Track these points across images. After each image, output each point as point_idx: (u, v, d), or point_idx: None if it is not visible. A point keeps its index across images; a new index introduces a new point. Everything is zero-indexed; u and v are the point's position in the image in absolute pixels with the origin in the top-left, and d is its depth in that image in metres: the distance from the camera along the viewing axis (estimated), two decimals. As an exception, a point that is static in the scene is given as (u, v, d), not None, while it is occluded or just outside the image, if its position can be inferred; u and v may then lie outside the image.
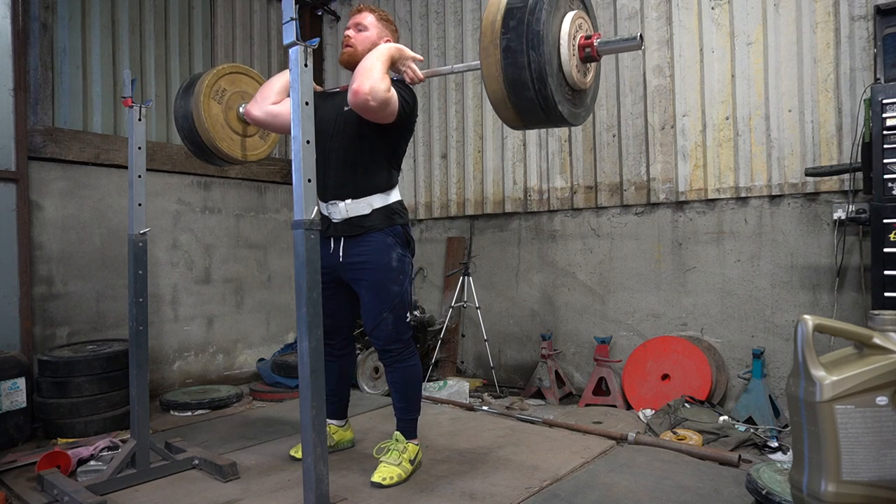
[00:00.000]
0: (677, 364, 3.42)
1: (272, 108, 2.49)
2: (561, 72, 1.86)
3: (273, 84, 2.53)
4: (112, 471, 2.41)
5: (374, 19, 2.49)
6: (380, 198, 2.45)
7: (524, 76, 1.77)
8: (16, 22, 3.39)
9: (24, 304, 3.38)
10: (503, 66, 1.79)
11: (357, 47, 2.44)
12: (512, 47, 1.76)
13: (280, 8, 2.37)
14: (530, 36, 1.74)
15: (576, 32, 1.89)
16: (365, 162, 2.43)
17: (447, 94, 4.64)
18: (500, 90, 1.84)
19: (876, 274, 2.53)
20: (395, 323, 2.44)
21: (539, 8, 1.75)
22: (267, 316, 4.75)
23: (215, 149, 2.69)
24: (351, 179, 2.43)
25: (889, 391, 1.58)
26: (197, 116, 2.62)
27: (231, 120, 2.75)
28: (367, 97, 2.13)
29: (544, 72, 1.75)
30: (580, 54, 1.92)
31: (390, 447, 2.50)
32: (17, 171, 3.37)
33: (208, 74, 2.66)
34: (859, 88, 3.03)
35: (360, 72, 2.18)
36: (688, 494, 2.26)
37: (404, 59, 2.31)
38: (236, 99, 2.75)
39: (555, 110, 1.84)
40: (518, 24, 1.76)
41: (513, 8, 1.79)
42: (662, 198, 3.67)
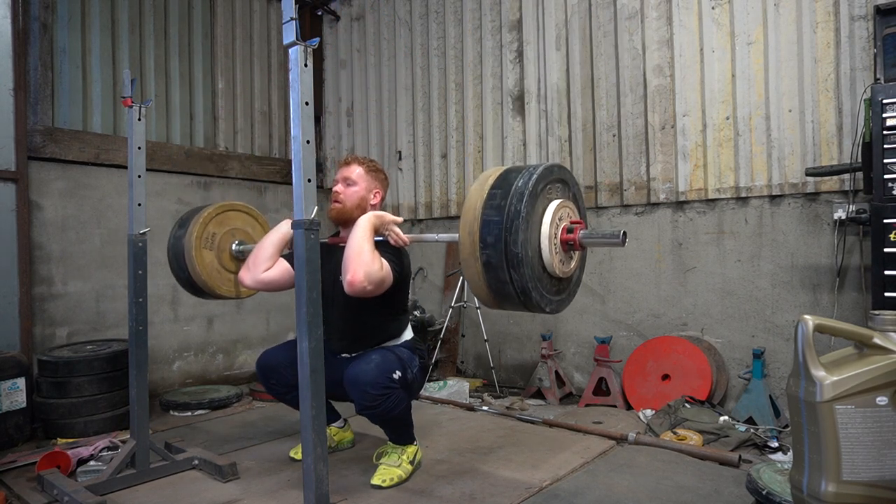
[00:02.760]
0: (677, 364, 3.41)
1: (264, 276, 2.44)
2: (545, 272, 1.82)
3: (264, 248, 2.46)
4: (112, 471, 2.41)
5: (362, 172, 2.48)
6: (391, 343, 2.50)
7: (508, 290, 1.75)
8: (16, 22, 3.39)
9: (24, 304, 3.38)
10: (486, 278, 1.77)
11: (346, 203, 2.43)
12: (492, 264, 1.73)
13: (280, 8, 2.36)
14: (509, 257, 1.70)
15: (557, 228, 1.82)
16: (368, 326, 2.46)
17: (447, 94, 4.64)
18: (486, 294, 1.83)
19: (876, 274, 2.53)
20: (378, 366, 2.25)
21: (515, 228, 1.68)
22: (267, 316, 4.74)
23: (214, 294, 2.73)
24: (357, 342, 2.48)
25: (889, 391, 1.58)
26: (192, 269, 2.65)
27: (225, 261, 2.76)
28: (364, 284, 2.08)
29: (527, 287, 1.72)
30: (563, 248, 1.86)
31: (389, 450, 2.50)
32: (16, 171, 3.37)
33: (196, 224, 2.65)
34: (859, 88, 3.03)
35: (350, 259, 2.10)
36: (688, 494, 2.26)
37: (385, 224, 2.24)
38: (227, 239, 2.76)
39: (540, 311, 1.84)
40: (496, 241, 1.71)
41: (489, 221, 1.73)
42: (663, 198, 3.67)
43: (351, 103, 5.29)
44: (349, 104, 5.30)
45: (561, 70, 4.05)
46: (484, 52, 4.43)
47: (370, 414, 2.30)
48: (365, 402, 2.24)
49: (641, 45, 3.71)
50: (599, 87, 3.90)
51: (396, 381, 2.29)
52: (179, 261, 2.69)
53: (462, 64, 4.55)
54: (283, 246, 2.48)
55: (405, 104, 4.90)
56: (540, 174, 1.79)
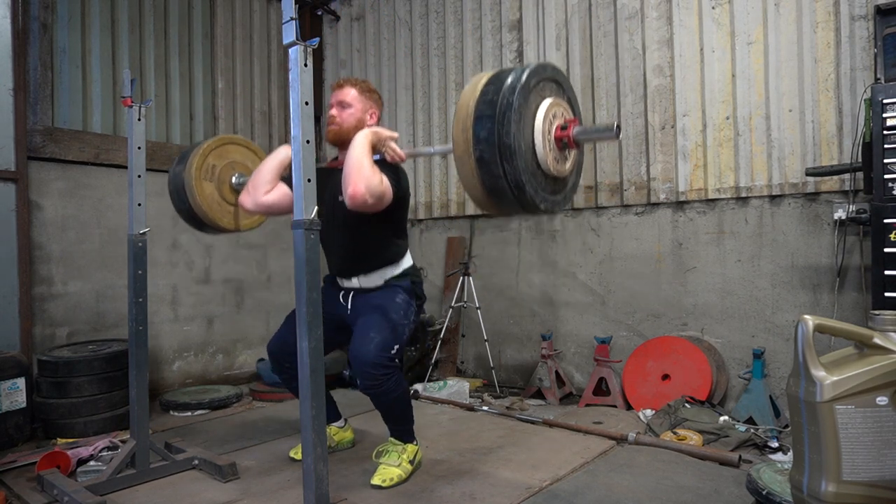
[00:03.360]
0: (677, 364, 3.41)
1: (265, 199, 2.48)
2: (539, 169, 1.82)
3: (264, 170, 2.50)
4: (112, 471, 2.41)
5: (356, 93, 2.49)
6: (391, 269, 2.50)
7: (501, 185, 1.75)
8: (16, 22, 3.39)
9: (24, 304, 3.38)
10: (479, 175, 1.76)
11: (342, 125, 2.45)
12: (485, 159, 1.73)
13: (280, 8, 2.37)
14: (502, 149, 1.70)
15: (550, 125, 1.82)
16: (369, 246, 2.46)
17: (447, 94, 4.64)
18: (480, 194, 1.82)
19: (876, 274, 2.53)
20: (378, 345, 2.30)
21: (507, 119, 1.69)
22: (267, 316, 4.74)
23: (215, 225, 2.74)
24: (360, 261, 2.49)
25: (889, 391, 1.58)
26: (193, 201, 2.65)
27: (225, 194, 2.76)
28: (365, 197, 2.12)
29: (521, 180, 1.72)
30: (557, 145, 1.86)
31: (389, 449, 2.50)
32: (16, 170, 3.37)
33: (195, 154, 2.66)
34: (859, 88, 3.03)
35: (349, 173, 2.15)
36: (688, 495, 2.26)
37: (382, 140, 2.27)
38: (227, 171, 2.76)
39: (536, 209, 1.83)
40: (489, 135, 1.71)
41: (482, 116, 1.73)
42: (663, 198, 3.67)
43: (351, 103, 5.28)
44: (349, 104, 5.30)
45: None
46: (484, 52, 4.43)
47: (373, 394, 2.35)
48: (367, 381, 2.31)
49: (641, 45, 3.71)
50: (599, 87, 3.90)
51: (395, 358, 2.35)
52: (180, 193, 2.68)
53: (462, 64, 4.55)
54: (282, 170, 2.50)
55: (405, 104, 4.90)
56: (533, 69, 1.79)
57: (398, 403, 2.44)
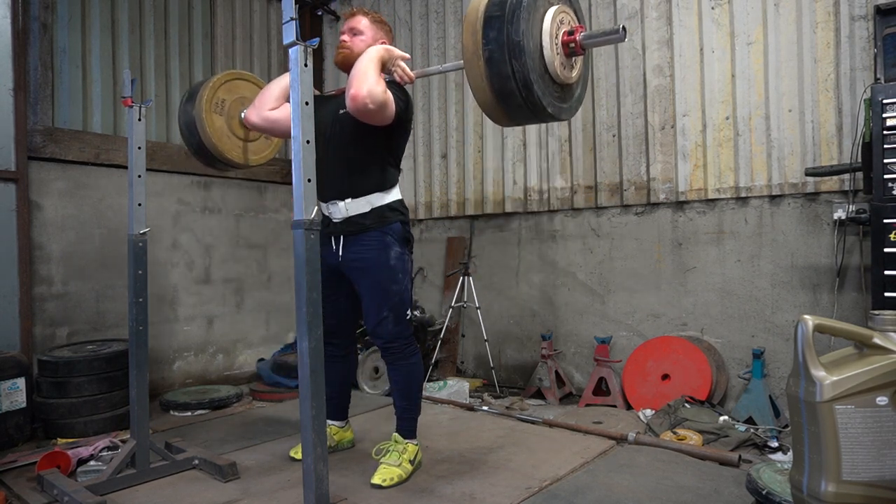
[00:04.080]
0: (677, 364, 3.42)
1: (270, 114, 2.51)
2: (546, 72, 1.85)
3: (271, 88, 2.55)
4: (112, 471, 2.41)
5: (368, 22, 2.50)
6: (379, 196, 2.46)
7: (510, 85, 1.77)
8: (16, 22, 3.39)
9: (24, 304, 3.38)
10: (488, 76, 1.79)
11: (353, 49, 2.45)
12: (494, 58, 1.76)
13: (280, 8, 2.36)
14: (511, 46, 1.73)
15: (558, 30, 1.87)
16: (363, 162, 2.44)
17: (447, 93, 4.63)
18: (488, 98, 1.85)
19: (876, 274, 2.53)
20: (395, 321, 2.45)
21: (517, 17, 1.73)
22: (267, 316, 4.74)
23: (225, 159, 2.76)
24: (350, 179, 2.45)
25: (889, 391, 1.58)
26: (203, 132, 2.66)
27: (234, 128, 2.77)
28: (366, 100, 2.13)
29: (529, 80, 1.75)
30: (564, 51, 1.90)
31: (389, 448, 2.50)
32: (16, 171, 3.37)
33: (205, 88, 2.67)
34: (859, 88, 3.03)
35: (354, 76, 2.18)
36: (688, 494, 2.26)
37: (393, 59, 2.30)
38: (237, 106, 2.77)
39: (543, 112, 1.86)
40: (498, 34, 1.75)
41: (491, 17, 1.77)
42: (662, 198, 3.67)
43: (351, 103, 5.28)
44: (349, 104, 5.30)
45: (561, 70, 4.05)
46: (484, 52, 4.42)
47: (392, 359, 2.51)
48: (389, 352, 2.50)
49: (641, 45, 3.71)
50: (599, 87, 3.90)
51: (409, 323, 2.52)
52: (190, 128, 2.69)
53: (462, 64, 4.54)
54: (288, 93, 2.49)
55: (405, 104, 4.89)
56: None
57: (414, 374, 2.54)
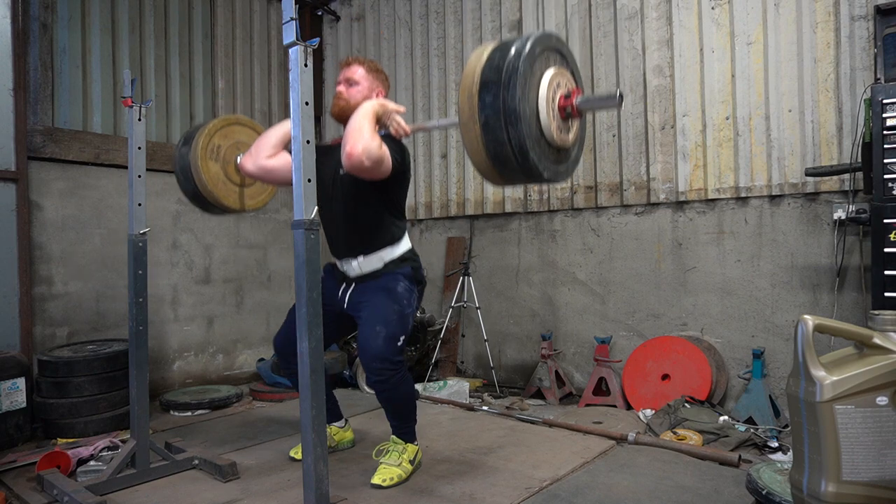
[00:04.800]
0: (677, 364, 3.42)
1: (267, 162, 2.47)
2: (542, 137, 1.83)
3: (268, 136, 2.50)
4: (112, 471, 2.41)
5: (364, 72, 2.49)
6: (389, 251, 2.48)
7: (506, 151, 1.75)
8: (16, 22, 3.39)
9: (24, 304, 3.38)
10: (484, 141, 1.77)
11: (349, 101, 2.44)
12: (490, 124, 1.74)
13: (280, 8, 2.36)
14: (507, 114, 1.71)
15: (554, 94, 1.84)
16: (370, 221, 2.46)
17: (447, 93, 4.64)
18: (484, 161, 1.83)
19: (876, 274, 2.53)
20: (386, 339, 2.32)
21: (513, 83, 1.71)
22: (267, 316, 4.74)
23: (221, 206, 2.75)
24: (359, 239, 2.47)
25: (889, 391, 1.58)
26: (199, 179, 2.65)
27: (231, 174, 2.76)
28: (362, 157, 2.11)
29: (525, 146, 1.73)
30: (561, 114, 1.87)
31: (389, 448, 2.50)
32: (17, 171, 3.37)
33: (201, 135, 2.66)
34: (859, 88, 3.03)
35: (349, 134, 2.16)
36: (688, 494, 2.26)
37: (388, 113, 2.29)
38: (233, 151, 2.76)
39: (539, 177, 1.84)
40: (494, 99, 1.72)
41: (487, 82, 1.75)
42: (662, 198, 3.67)
43: (351, 103, 5.28)
44: (349, 104, 5.30)
45: (561, 70, 4.05)
46: (484, 52, 4.42)
47: (380, 388, 2.36)
48: (375, 375, 2.33)
49: (641, 45, 3.71)
50: (599, 87, 3.90)
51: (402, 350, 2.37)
52: (186, 174, 2.67)
53: (462, 64, 4.55)
54: (286, 140, 2.49)
55: (405, 104, 4.89)
56: (538, 38, 1.81)
57: (405, 400, 2.45)
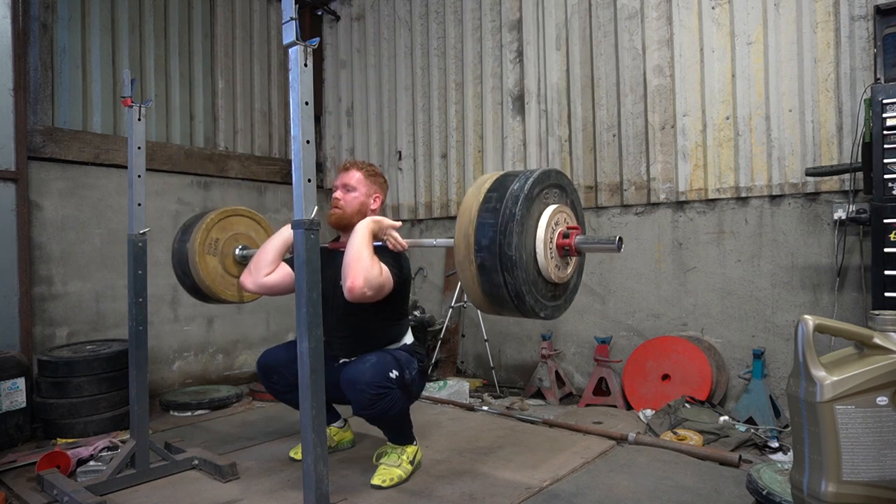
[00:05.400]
0: (677, 364, 3.41)
1: (266, 280, 2.46)
2: (540, 277, 1.82)
3: (266, 252, 2.48)
4: (112, 471, 2.41)
5: (361, 177, 2.49)
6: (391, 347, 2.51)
7: (502, 293, 1.75)
8: (16, 22, 3.39)
9: (24, 304, 3.38)
10: (480, 281, 1.77)
11: (346, 209, 2.45)
12: (486, 266, 1.73)
13: (280, 8, 2.36)
14: (503, 260, 1.70)
15: (552, 235, 1.82)
16: (370, 329, 2.46)
17: (447, 93, 4.63)
18: (479, 298, 1.83)
19: (876, 274, 2.53)
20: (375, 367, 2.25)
21: (510, 231, 1.69)
22: (267, 316, 4.74)
23: (218, 299, 2.76)
24: (359, 346, 2.47)
25: (889, 391, 1.58)
26: (196, 275, 2.67)
27: (228, 266, 2.78)
28: (364, 290, 2.10)
29: (521, 291, 1.73)
30: (559, 253, 1.86)
31: (388, 450, 2.50)
32: (16, 170, 3.37)
33: (198, 230, 2.67)
34: (859, 88, 3.02)
35: (349, 265, 2.12)
36: (688, 495, 2.26)
37: (384, 230, 2.25)
38: (230, 244, 2.78)
39: (536, 316, 1.84)
40: (490, 243, 1.71)
41: (483, 224, 1.74)
42: (663, 198, 3.67)
43: (351, 103, 5.29)
44: (349, 104, 5.30)
45: (561, 70, 4.05)
46: (484, 52, 4.43)
47: (367, 415, 2.30)
48: (362, 401, 2.25)
49: (641, 45, 3.71)
50: (599, 87, 3.90)
51: (394, 381, 2.28)
52: (184, 267, 2.70)
53: (462, 64, 4.55)
54: (284, 250, 2.49)
55: (405, 104, 4.90)
56: (536, 178, 1.79)
57: (395, 420, 2.41)
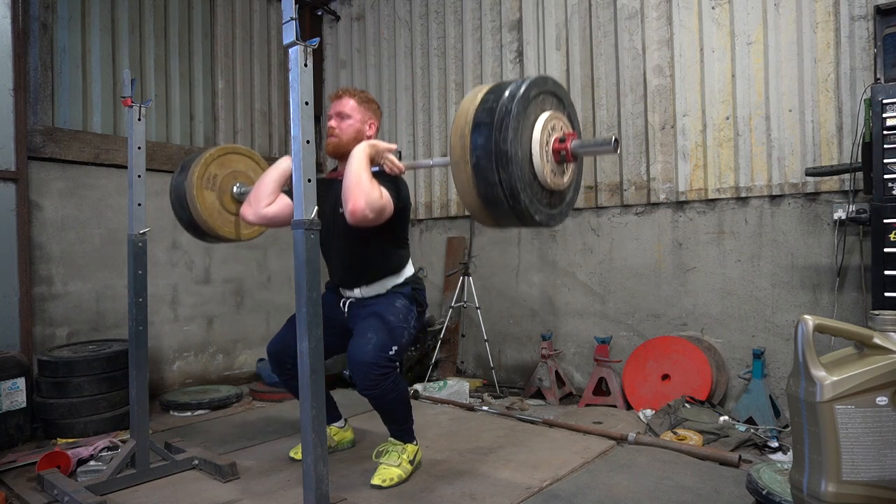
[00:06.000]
0: (677, 364, 3.41)
1: (266, 211, 2.47)
2: (535, 180, 1.81)
3: (265, 182, 2.49)
4: (112, 471, 2.41)
5: (355, 104, 2.49)
6: (392, 279, 2.51)
7: (496, 193, 1.73)
8: (16, 22, 3.39)
9: (24, 304, 3.38)
10: (475, 182, 1.76)
11: (342, 137, 2.45)
12: (481, 165, 1.72)
13: (280, 8, 2.36)
14: (498, 156, 1.69)
15: (548, 138, 1.82)
16: (371, 255, 2.46)
17: (447, 93, 4.64)
18: (475, 202, 1.82)
19: (876, 274, 2.53)
20: (376, 345, 2.30)
21: (505, 126, 1.69)
22: (267, 316, 4.74)
23: (216, 235, 2.74)
24: (362, 272, 2.48)
25: (889, 391, 1.58)
26: (194, 209, 2.65)
27: (226, 203, 2.76)
28: (366, 212, 2.11)
29: (516, 189, 1.71)
30: (555, 158, 1.86)
31: (389, 449, 2.50)
32: (16, 171, 3.37)
33: (197, 164, 2.66)
34: (859, 88, 3.03)
35: (349, 189, 2.13)
36: (688, 495, 2.26)
37: (380, 153, 2.27)
38: (229, 181, 2.76)
39: (531, 220, 1.82)
40: (486, 141, 1.71)
41: (480, 123, 1.74)
42: (663, 198, 3.67)
43: (351, 103, 5.28)
44: (349, 104, 5.29)
45: (561, 70, 4.05)
46: (484, 52, 4.43)
47: (370, 395, 2.34)
48: (364, 382, 2.30)
49: (641, 45, 3.71)
50: (599, 87, 3.90)
51: (394, 360, 2.34)
52: (181, 201, 2.68)
53: (462, 64, 4.55)
54: (283, 182, 2.50)
55: (405, 104, 4.90)
56: (533, 81, 1.79)
57: (397, 405, 2.43)
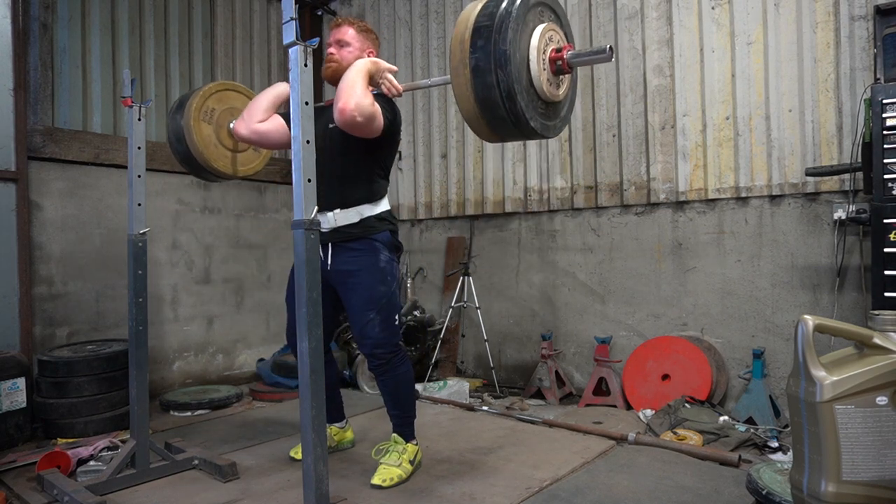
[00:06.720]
0: (677, 364, 3.41)
1: (259, 126, 2.48)
2: (532, 87, 1.85)
3: (260, 100, 2.52)
4: (112, 471, 2.41)
5: (354, 32, 2.50)
6: (368, 207, 2.48)
7: (494, 95, 1.76)
8: (16, 22, 3.39)
9: (24, 304, 3.38)
10: (473, 84, 1.79)
11: (342, 62, 2.45)
12: (480, 67, 1.76)
13: (280, 8, 2.37)
14: (497, 55, 1.73)
15: (546, 46, 1.87)
16: (352, 175, 2.46)
17: (447, 93, 4.63)
18: (472, 108, 1.84)
19: (876, 274, 2.53)
20: (382, 325, 2.40)
21: (505, 27, 1.74)
22: (267, 316, 4.74)
23: (211, 168, 2.73)
24: (339, 192, 2.45)
25: (889, 391, 1.58)
26: (189, 139, 2.64)
27: (223, 138, 2.76)
28: (354, 113, 2.13)
29: (513, 90, 1.74)
30: (551, 67, 1.90)
31: (389, 448, 2.50)
32: (16, 171, 3.37)
33: (195, 96, 2.66)
34: (859, 88, 3.03)
35: (342, 90, 2.16)
36: (688, 495, 2.26)
37: (381, 72, 2.29)
38: (226, 116, 2.76)
39: (526, 126, 1.84)
40: (485, 43, 1.75)
41: (480, 27, 1.78)
42: (663, 198, 3.67)
43: (351, 103, 5.28)
44: (349, 104, 5.29)
45: (561, 70, 4.05)
46: (484, 52, 4.42)
47: (381, 371, 2.45)
48: (376, 360, 2.43)
49: (641, 45, 3.71)
50: (599, 87, 3.90)
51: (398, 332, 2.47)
52: (178, 134, 2.67)
53: (462, 64, 4.54)
54: (278, 103, 2.53)
55: (405, 103, 4.89)
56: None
57: (404, 383, 2.50)
